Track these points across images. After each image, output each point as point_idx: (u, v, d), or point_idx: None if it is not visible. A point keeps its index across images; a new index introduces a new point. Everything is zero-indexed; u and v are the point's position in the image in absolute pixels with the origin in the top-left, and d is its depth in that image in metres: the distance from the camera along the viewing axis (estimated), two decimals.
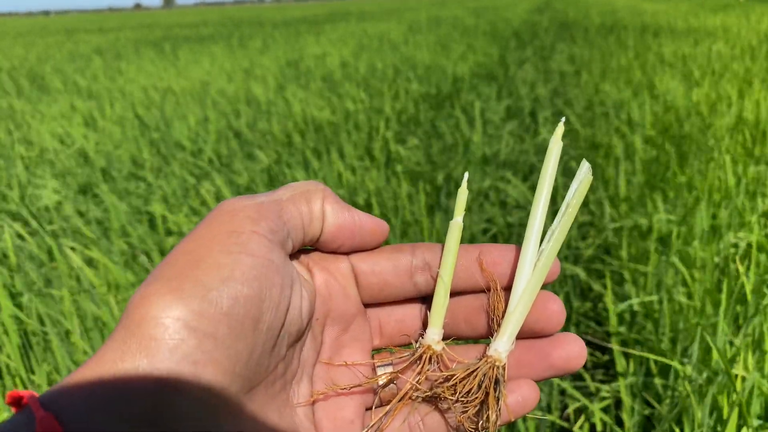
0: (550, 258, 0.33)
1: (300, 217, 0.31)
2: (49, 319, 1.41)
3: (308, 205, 0.32)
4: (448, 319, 0.34)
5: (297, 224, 0.31)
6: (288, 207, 0.31)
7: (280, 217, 0.30)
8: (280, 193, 0.31)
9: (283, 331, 0.29)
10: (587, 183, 0.33)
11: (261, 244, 0.28)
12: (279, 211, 0.30)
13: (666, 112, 2.87)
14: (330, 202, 0.32)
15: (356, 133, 3.01)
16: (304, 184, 0.33)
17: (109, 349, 0.25)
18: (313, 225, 0.32)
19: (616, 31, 7.13)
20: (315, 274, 0.33)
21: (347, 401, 0.33)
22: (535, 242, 0.33)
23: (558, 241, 0.33)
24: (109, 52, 8.74)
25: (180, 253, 0.27)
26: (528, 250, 0.33)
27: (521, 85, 4.29)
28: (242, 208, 0.29)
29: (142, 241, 1.94)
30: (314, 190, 0.32)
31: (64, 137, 3.33)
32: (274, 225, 0.29)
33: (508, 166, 2.67)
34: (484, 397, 0.31)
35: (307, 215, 0.32)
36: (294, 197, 0.31)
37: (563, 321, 0.33)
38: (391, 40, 7.78)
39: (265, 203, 0.30)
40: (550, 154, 0.34)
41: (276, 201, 0.30)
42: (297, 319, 0.30)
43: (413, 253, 0.34)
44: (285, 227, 0.30)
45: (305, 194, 0.32)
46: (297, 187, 0.32)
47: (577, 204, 0.33)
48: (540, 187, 0.34)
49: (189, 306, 0.25)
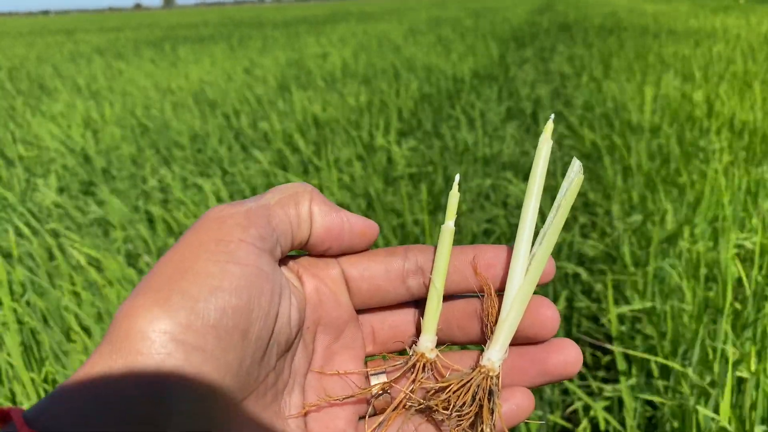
0: (542, 261, 0.32)
1: (288, 221, 0.31)
2: (50, 315, 1.41)
3: (296, 208, 0.31)
4: (442, 325, 0.33)
5: (286, 229, 0.30)
6: (276, 211, 0.30)
7: (269, 223, 0.29)
8: (268, 197, 0.31)
9: (272, 341, 0.28)
10: (578, 182, 0.32)
11: (250, 252, 0.27)
12: (268, 216, 0.30)
13: (666, 112, 2.87)
14: (317, 203, 0.32)
15: (357, 133, 3.01)
16: (292, 187, 0.32)
17: (95, 363, 0.24)
18: (302, 228, 0.31)
19: (616, 33, 7.13)
20: (305, 281, 0.33)
21: (340, 411, 0.33)
22: (527, 245, 0.32)
23: (550, 243, 0.32)
24: (109, 52, 8.74)
25: (167, 262, 0.27)
26: (519, 254, 0.32)
27: (522, 86, 4.29)
28: (230, 215, 0.29)
29: (143, 241, 1.94)
30: (302, 191, 0.32)
31: (63, 137, 3.33)
32: (264, 231, 0.29)
33: (509, 166, 2.67)
34: (478, 410, 0.31)
35: (295, 218, 0.31)
36: (282, 200, 0.31)
37: (557, 326, 0.32)
38: (392, 40, 7.78)
39: (253, 209, 0.29)
40: (540, 153, 0.33)
41: (264, 206, 0.30)
42: (286, 328, 0.30)
43: (405, 256, 0.33)
44: (274, 233, 0.29)
45: (293, 197, 0.31)
46: (285, 190, 0.32)
47: (568, 204, 0.32)
48: (530, 188, 0.33)
49: (176, 319, 0.24)
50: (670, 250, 1.54)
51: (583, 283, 1.74)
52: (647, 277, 1.45)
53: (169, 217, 2.04)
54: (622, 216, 1.92)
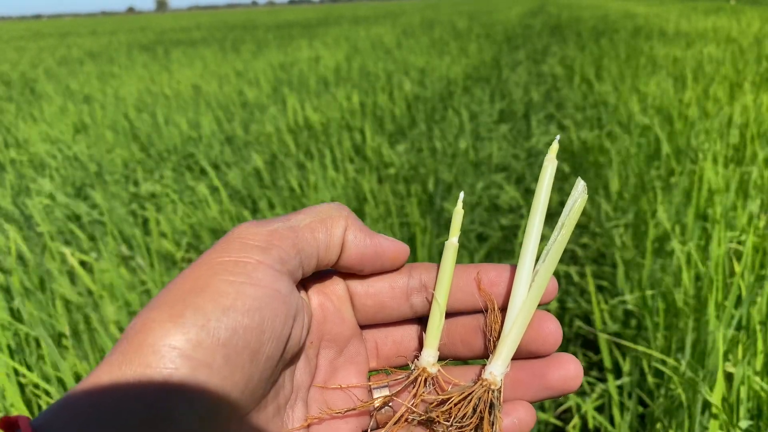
0: (545, 278, 0.32)
1: (316, 246, 0.30)
2: (41, 322, 1.41)
3: (327, 233, 0.31)
4: (445, 340, 0.34)
5: (311, 253, 0.30)
6: (304, 235, 0.30)
7: (294, 246, 0.29)
8: (300, 218, 0.31)
9: (281, 361, 0.29)
10: (582, 202, 0.32)
11: (267, 274, 0.28)
12: (294, 239, 0.29)
13: (657, 113, 2.88)
14: (352, 230, 0.32)
15: (349, 136, 3.01)
16: (327, 209, 0.32)
17: (104, 371, 0.25)
18: (330, 253, 0.31)
19: (608, 34, 7.16)
20: (310, 297, 0.33)
21: (343, 424, 0.33)
22: (531, 262, 0.33)
23: (553, 261, 0.32)
24: (101, 56, 8.72)
25: (186, 278, 0.27)
26: (523, 270, 0.32)
27: (514, 88, 4.31)
28: (253, 235, 0.29)
29: (136, 245, 1.93)
30: (337, 216, 0.31)
31: (55, 141, 3.31)
32: (285, 254, 0.29)
33: (500, 169, 2.67)
34: (478, 422, 0.31)
35: (324, 243, 0.31)
36: (312, 225, 0.31)
37: (560, 341, 0.32)
38: (385, 43, 7.79)
39: (278, 230, 0.29)
40: (545, 172, 0.33)
41: (292, 228, 0.30)
42: (295, 347, 0.30)
43: (410, 274, 0.34)
44: (297, 256, 0.29)
45: (326, 221, 0.31)
46: (319, 212, 0.31)
47: (571, 224, 0.32)
48: (535, 206, 0.33)
49: (187, 335, 0.25)
50: (661, 250, 1.55)
51: (575, 283, 1.75)
52: (641, 274, 1.46)
53: (163, 219, 2.04)
54: (613, 216, 1.93)
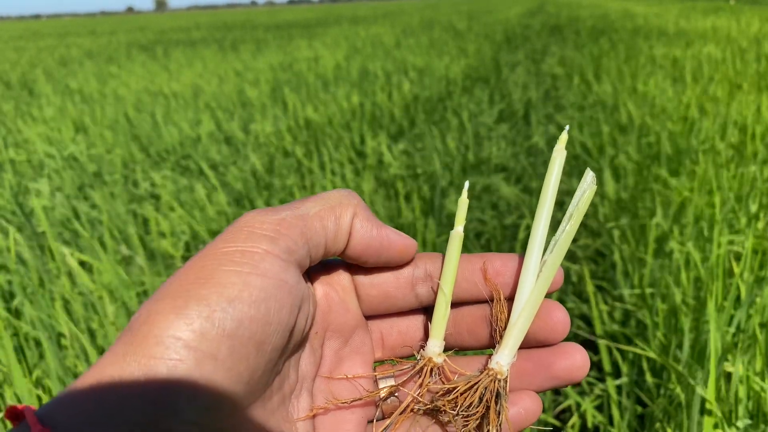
0: (553, 268, 0.32)
1: (324, 234, 0.30)
2: (41, 322, 1.41)
3: (336, 221, 0.30)
4: (451, 330, 0.33)
5: (320, 241, 0.30)
6: (313, 223, 0.30)
7: (302, 235, 0.29)
8: (309, 205, 0.30)
9: (285, 351, 0.29)
10: (591, 193, 0.32)
11: (274, 264, 0.27)
12: (302, 227, 0.29)
13: (657, 114, 2.89)
14: (360, 219, 0.31)
15: (348, 136, 3.01)
16: (337, 196, 0.31)
17: (108, 362, 0.24)
18: (338, 241, 0.31)
19: (607, 34, 7.16)
20: (315, 287, 0.33)
21: (348, 415, 0.33)
22: (539, 252, 0.33)
23: (561, 251, 0.32)
24: (100, 56, 8.72)
25: (191, 268, 0.27)
26: (531, 259, 0.32)
27: (513, 88, 4.31)
28: (261, 223, 0.28)
29: (136, 245, 1.93)
30: (346, 204, 0.31)
31: (54, 141, 3.31)
32: (293, 244, 0.28)
33: (500, 169, 2.68)
34: (485, 411, 0.31)
35: (332, 232, 0.30)
36: (321, 213, 0.30)
37: (567, 330, 0.32)
38: (384, 43, 7.79)
39: (287, 219, 0.29)
40: (554, 162, 0.33)
41: (301, 216, 0.29)
42: (299, 337, 0.30)
43: (415, 264, 0.33)
44: (306, 245, 0.29)
45: (335, 209, 0.31)
46: (328, 200, 0.31)
47: (580, 214, 0.32)
48: (543, 196, 0.33)
49: (191, 326, 0.25)
50: (659, 251, 1.55)
51: (574, 284, 1.75)
52: (643, 276, 1.46)
53: (162, 218, 2.04)
54: (612, 216, 1.94)
